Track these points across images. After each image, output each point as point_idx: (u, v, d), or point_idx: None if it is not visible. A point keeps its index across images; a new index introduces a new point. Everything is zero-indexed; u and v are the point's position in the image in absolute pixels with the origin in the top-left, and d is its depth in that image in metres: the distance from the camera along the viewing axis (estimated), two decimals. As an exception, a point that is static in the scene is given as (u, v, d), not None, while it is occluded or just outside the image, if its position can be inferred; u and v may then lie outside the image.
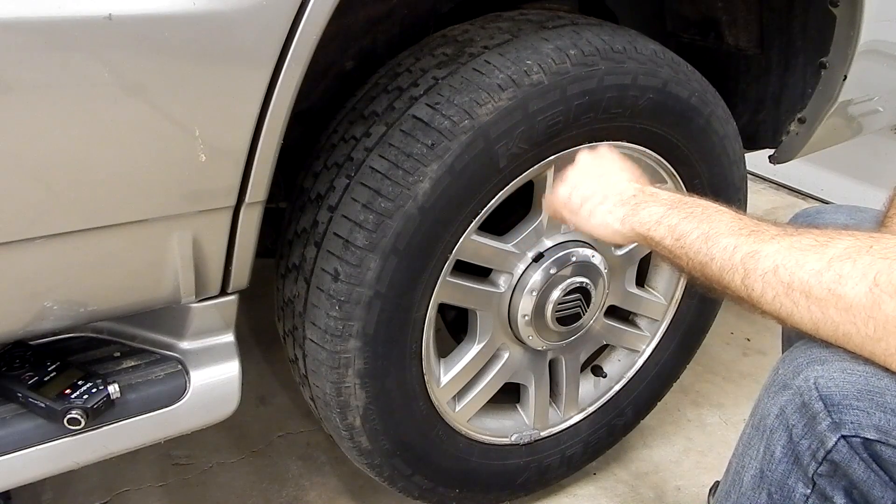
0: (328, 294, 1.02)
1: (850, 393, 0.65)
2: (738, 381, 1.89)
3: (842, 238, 0.68)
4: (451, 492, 1.28)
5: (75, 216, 0.77)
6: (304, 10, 0.77)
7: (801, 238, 0.71)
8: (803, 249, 0.69)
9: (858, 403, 0.64)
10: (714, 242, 0.76)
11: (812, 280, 0.67)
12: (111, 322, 1.00)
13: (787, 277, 0.68)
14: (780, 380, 0.71)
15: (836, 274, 0.65)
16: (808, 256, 0.68)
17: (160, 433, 0.96)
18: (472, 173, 1.01)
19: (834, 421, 0.65)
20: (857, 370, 0.66)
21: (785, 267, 0.69)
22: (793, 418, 0.68)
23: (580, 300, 1.24)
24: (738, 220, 0.77)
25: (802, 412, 0.67)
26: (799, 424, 0.68)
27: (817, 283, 0.66)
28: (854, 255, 0.65)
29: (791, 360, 0.71)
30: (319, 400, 1.13)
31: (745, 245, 0.73)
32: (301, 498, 1.44)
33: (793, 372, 0.70)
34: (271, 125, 0.82)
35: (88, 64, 0.68)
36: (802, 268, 0.68)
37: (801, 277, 0.67)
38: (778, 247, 0.71)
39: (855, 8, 1.26)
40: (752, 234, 0.74)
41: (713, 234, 0.77)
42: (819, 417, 0.66)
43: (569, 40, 1.05)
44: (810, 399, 0.66)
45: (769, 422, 0.71)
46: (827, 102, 1.40)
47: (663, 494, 1.52)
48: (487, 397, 1.28)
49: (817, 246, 0.69)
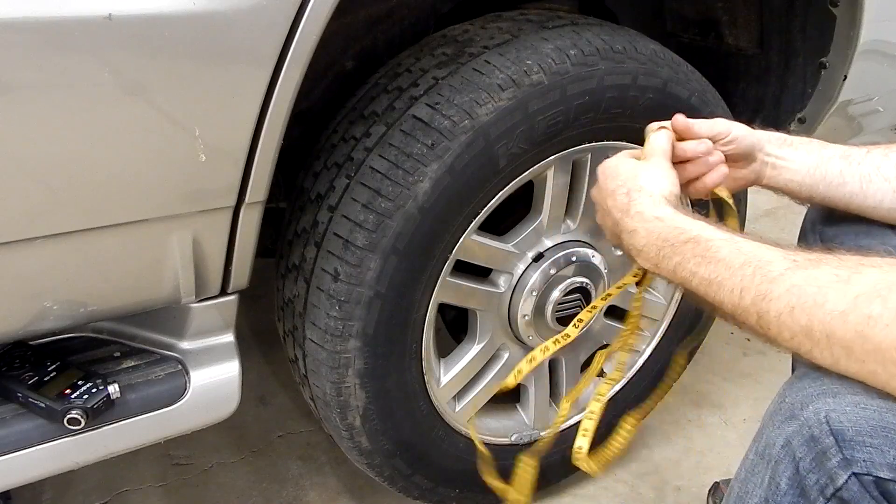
0: (328, 294, 1.02)
1: (864, 429, 0.61)
2: (738, 381, 1.89)
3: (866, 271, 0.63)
4: (451, 492, 1.28)
5: (75, 216, 0.77)
6: (304, 10, 0.77)
7: (817, 273, 0.65)
8: (822, 287, 0.64)
9: (872, 440, 0.61)
10: (719, 287, 0.71)
11: (835, 322, 0.62)
12: (111, 322, 1.00)
13: (806, 319, 0.64)
14: (787, 408, 0.68)
15: (865, 315, 0.60)
16: (828, 295, 0.63)
17: (160, 433, 0.96)
18: (472, 173, 1.01)
19: (845, 457, 0.62)
20: (870, 405, 0.63)
21: (802, 308, 0.64)
22: (800, 451, 0.65)
23: (580, 300, 1.24)
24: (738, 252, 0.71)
25: (811, 446, 0.64)
26: (807, 458, 0.64)
27: (842, 325, 0.62)
28: (884, 292, 0.60)
29: (800, 389, 0.68)
30: (319, 400, 1.13)
31: (753, 287, 0.68)
32: (301, 498, 1.44)
33: (801, 402, 0.66)
34: (271, 125, 0.82)
35: (88, 64, 0.68)
36: (822, 308, 0.63)
37: (821, 319, 0.63)
38: (790, 284, 0.66)
39: (855, 8, 1.26)
40: (758, 271, 0.68)
41: (716, 278, 0.71)
42: (829, 453, 0.62)
43: (569, 40, 1.05)
44: (820, 433, 0.63)
45: (774, 451, 0.67)
46: (827, 102, 1.40)
47: (663, 494, 1.52)
48: (487, 397, 1.28)
49: (838, 282, 0.63)
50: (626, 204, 0.83)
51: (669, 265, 0.77)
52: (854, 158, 0.92)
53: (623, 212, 0.83)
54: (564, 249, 1.20)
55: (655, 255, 0.79)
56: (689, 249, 0.75)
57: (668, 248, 0.77)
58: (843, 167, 0.92)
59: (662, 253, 0.78)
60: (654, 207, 0.81)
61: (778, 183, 0.96)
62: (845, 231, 0.96)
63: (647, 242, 0.80)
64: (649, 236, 0.79)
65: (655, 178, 0.84)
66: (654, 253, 0.79)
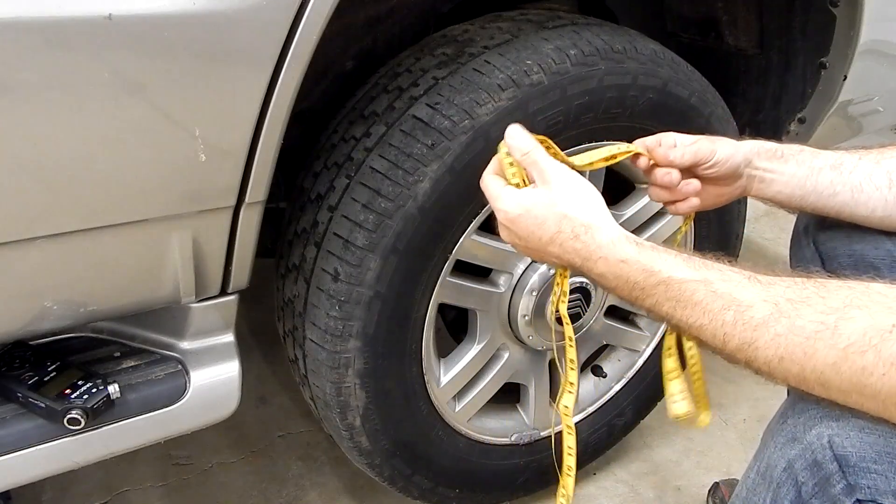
0: (328, 294, 1.02)
1: (868, 455, 0.61)
2: (738, 381, 1.89)
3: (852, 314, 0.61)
4: (451, 492, 1.28)
5: (75, 216, 0.77)
6: (304, 11, 0.77)
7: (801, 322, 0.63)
8: (809, 338, 0.62)
9: (876, 467, 0.60)
10: (699, 331, 0.69)
11: (828, 373, 0.61)
12: (111, 322, 1.00)
13: (797, 370, 0.63)
14: (789, 430, 0.67)
15: (859, 367, 0.59)
16: (816, 346, 0.61)
17: (160, 433, 0.96)
18: (472, 173, 1.01)
19: (849, 483, 0.61)
20: (875, 430, 0.62)
21: (792, 360, 0.63)
22: (802, 475, 0.64)
23: (580, 300, 1.24)
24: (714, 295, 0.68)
25: (813, 471, 0.63)
26: (809, 482, 0.63)
27: (836, 376, 0.61)
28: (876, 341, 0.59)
29: (802, 410, 0.67)
30: (319, 400, 1.13)
31: (736, 334, 0.66)
32: (301, 498, 1.44)
33: (804, 424, 0.66)
34: (271, 125, 0.82)
35: (88, 64, 0.68)
36: (813, 359, 0.62)
37: (813, 369, 0.62)
38: (774, 334, 0.64)
39: (855, 8, 1.26)
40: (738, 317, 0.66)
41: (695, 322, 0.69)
42: (833, 479, 0.62)
43: (569, 40, 1.05)
44: (824, 458, 0.62)
45: (776, 474, 0.67)
46: (827, 102, 1.40)
47: (663, 494, 1.52)
48: (487, 397, 1.28)
49: (825, 331, 0.61)
50: (582, 249, 0.76)
51: (645, 305, 0.74)
52: (845, 167, 0.90)
53: (584, 258, 0.76)
54: (564, 249, 1.20)
55: (628, 295, 0.75)
56: (661, 292, 0.72)
57: (639, 290, 0.73)
58: (834, 177, 0.90)
59: (634, 294, 0.74)
60: (613, 248, 0.75)
61: (766, 195, 0.94)
62: (839, 236, 0.94)
63: (617, 285, 0.75)
64: (618, 280, 0.75)
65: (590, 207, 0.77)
66: (626, 293, 0.75)
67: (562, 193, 0.77)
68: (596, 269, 0.76)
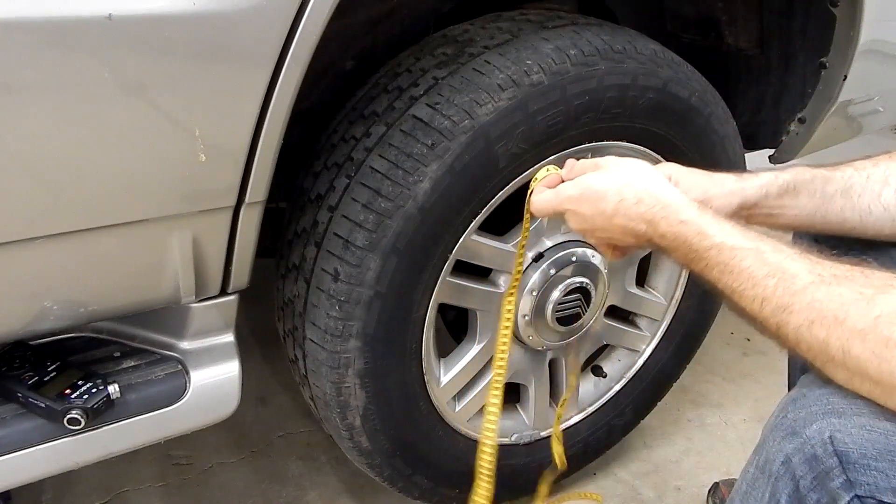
0: (328, 294, 1.02)
1: (869, 452, 0.62)
2: (738, 381, 1.89)
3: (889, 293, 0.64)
4: (451, 492, 1.28)
5: (75, 216, 0.77)
6: (304, 10, 0.77)
7: (841, 290, 0.66)
8: (844, 304, 0.64)
9: (877, 464, 0.61)
10: (741, 296, 0.72)
11: (853, 340, 0.63)
12: (111, 322, 1.00)
13: (824, 335, 0.65)
14: (788, 425, 0.68)
15: (885, 337, 0.61)
16: (849, 312, 0.64)
17: (160, 433, 0.96)
18: (472, 173, 1.01)
19: (849, 479, 0.62)
20: (877, 427, 0.63)
21: (822, 324, 0.65)
22: (800, 469, 0.65)
23: (580, 300, 1.24)
24: (763, 263, 0.71)
25: (812, 464, 0.64)
26: (808, 476, 0.65)
27: (860, 344, 0.63)
28: None
29: (803, 406, 0.68)
30: (319, 400, 1.13)
31: (774, 298, 0.69)
32: (301, 498, 1.44)
33: (804, 419, 0.67)
34: (271, 125, 0.82)
35: (88, 64, 0.68)
36: (842, 325, 0.64)
37: (839, 335, 0.64)
38: (812, 299, 0.66)
39: (855, 8, 1.26)
40: (781, 283, 0.69)
41: (738, 287, 0.72)
42: (833, 474, 0.63)
43: (569, 40, 1.05)
44: (823, 453, 0.64)
45: (774, 468, 0.68)
46: (827, 102, 1.40)
47: (663, 494, 1.52)
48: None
49: (861, 300, 0.64)
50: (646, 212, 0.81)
51: (696, 268, 0.78)
52: (855, 190, 0.90)
53: (648, 221, 0.81)
54: (564, 249, 1.20)
55: (683, 258, 0.79)
56: (713, 256, 0.75)
57: (693, 253, 0.77)
58: (844, 204, 0.90)
59: (689, 257, 0.78)
60: (675, 209, 0.80)
61: (773, 226, 0.94)
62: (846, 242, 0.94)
63: (676, 247, 0.80)
64: (676, 241, 0.79)
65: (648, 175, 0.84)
66: (682, 256, 0.79)
67: (617, 169, 0.85)
68: (659, 230, 0.80)
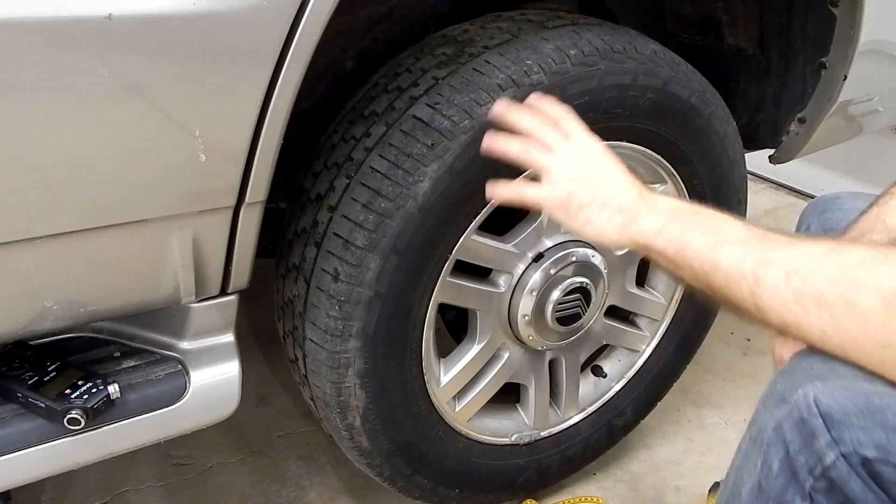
0: (328, 294, 1.02)
1: (851, 410, 0.64)
2: (738, 381, 1.89)
3: (857, 247, 0.68)
4: (451, 492, 1.28)
5: (75, 216, 0.77)
6: (304, 10, 0.77)
7: (813, 246, 0.70)
8: (817, 256, 0.68)
9: (859, 421, 0.64)
10: (720, 252, 0.74)
11: (824, 287, 0.66)
12: (111, 322, 1.00)
13: (800, 285, 0.68)
14: (777, 393, 0.71)
15: (851, 280, 0.65)
16: (821, 263, 0.67)
17: (160, 433, 0.96)
18: (472, 173, 1.01)
19: (833, 438, 0.64)
20: (857, 388, 0.65)
21: (797, 274, 0.68)
22: (790, 433, 0.68)
23: (580, 300, 1.24)
24: (744, 227, 0.76)
25: (800, 427, 0.67)
26: (796, 440, 0.67)
27: (830, 290, 0.66)
28: (870, 263, 0.65)
29: (790, 375, 0.71)
30: (319, 400, 1.13)
31: (754, 253, 0.72)
32: (301, 498, 1.44)
33: (791, 386, 0.69)
34: (271, 125, 0.82)
35: (88, 64, 0.68)
36: (815, 275, 0.67)
37: (813, 285, 0.67)
38: (789, 254, 0.70)
39: (855, 8, 1.26)
40: (761, 241, 0.73)
41: (719, 242, 0.75)
42: (817, 433, 0.65)
43: (569, 40, 1.05)
44: (809, 415, 0.66)
45: (766, 436, 0.70)
46: (827, 102, 1.40)
47: (663, 494, 1.52)
48: (487, 397, 1.28)
49: (831, 252, 0.68)
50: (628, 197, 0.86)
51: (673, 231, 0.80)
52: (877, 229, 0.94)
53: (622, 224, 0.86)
54: (564, 249, 1.20)
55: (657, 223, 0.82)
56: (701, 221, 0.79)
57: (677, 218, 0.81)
58: None
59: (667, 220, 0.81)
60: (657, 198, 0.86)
61: None
62: None
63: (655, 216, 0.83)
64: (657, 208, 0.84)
65: None
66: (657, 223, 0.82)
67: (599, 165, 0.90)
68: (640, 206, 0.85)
